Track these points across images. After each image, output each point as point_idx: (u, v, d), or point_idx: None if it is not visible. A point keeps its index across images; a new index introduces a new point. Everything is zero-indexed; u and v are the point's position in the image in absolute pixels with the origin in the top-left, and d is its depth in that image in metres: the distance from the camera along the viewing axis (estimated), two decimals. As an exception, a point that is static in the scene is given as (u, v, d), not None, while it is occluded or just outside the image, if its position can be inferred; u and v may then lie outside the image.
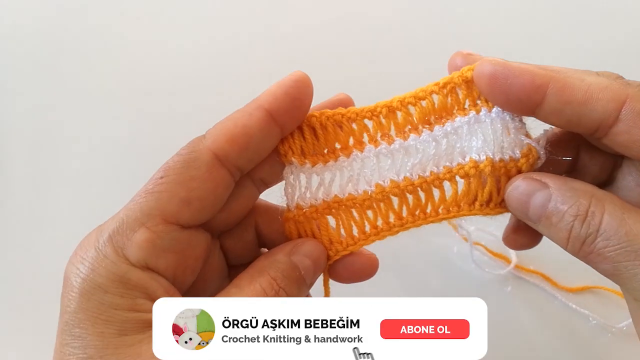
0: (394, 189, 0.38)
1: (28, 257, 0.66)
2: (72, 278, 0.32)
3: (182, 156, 0.35)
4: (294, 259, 0.37)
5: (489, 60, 0.35)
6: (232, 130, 0.35)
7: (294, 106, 0.36)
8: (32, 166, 0.72)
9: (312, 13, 0.80)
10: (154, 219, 0.33)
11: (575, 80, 0.32)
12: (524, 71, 0.33)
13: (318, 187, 0.39)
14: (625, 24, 0.75)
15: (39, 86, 0.78)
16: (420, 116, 0.38)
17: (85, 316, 0.31)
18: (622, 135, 0.32)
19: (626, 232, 0.31)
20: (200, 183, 0.34)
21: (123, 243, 0.33)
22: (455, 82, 0.37)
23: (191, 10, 0.81)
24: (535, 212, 0.34)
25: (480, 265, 0.61)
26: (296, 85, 0.36)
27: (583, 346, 0.57)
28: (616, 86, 0.32)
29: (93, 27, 0.81)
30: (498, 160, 0.36)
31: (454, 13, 0.78)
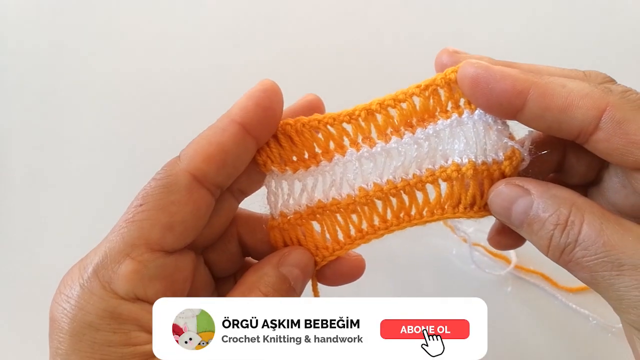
0: (378, 192, 0.38)
1: (28, 257, 0.66)
2: (59, 319, 0.31)
3: (159, 181, 0.34)
4: (283, 270, 0.36)
5: (471, 62, 0.34)
6: (207, 149, 0.34)
7: (266, 116, 0.36)
8: (32, 166, 0.72)
9: (310, 16, 0.80)
10: (138, 248, 0.32)
11: (556, 87, 0.32)
12: (506, 76, 0.33)
13: (301, 193, 0.39)
14: (623, 23, 0.75)
15: (38, 86, 0.77)
16: (401, 118, 0.37)
17: (79, 358, 0.30)
18: (602, 143, 0.32)
19: (604, 242, 0.31)
20: (181, 206, 0.33)
21: (109, 277, 0.31)
22: (437, 84, 0.36)
23: (192, 10, 0.81)
24: (517, 218, 0.34)
25: (480, 266, 0.61)
26: (266, 95, 0.35)
27: (583, 346, 0.57)
28: (597, 93, 0.32)
29: (93, 27, 0.81)
30: (480, 163, 0.36)
31: (452, 12, 0.78)
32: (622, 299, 0.31)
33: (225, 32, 0.79)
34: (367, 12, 0.78)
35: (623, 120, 0.31)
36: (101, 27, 0.81)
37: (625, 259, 0.30)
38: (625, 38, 0.74)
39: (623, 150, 0.32)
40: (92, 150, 0.73)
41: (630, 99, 0.32)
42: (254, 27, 0.79)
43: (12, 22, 0.83)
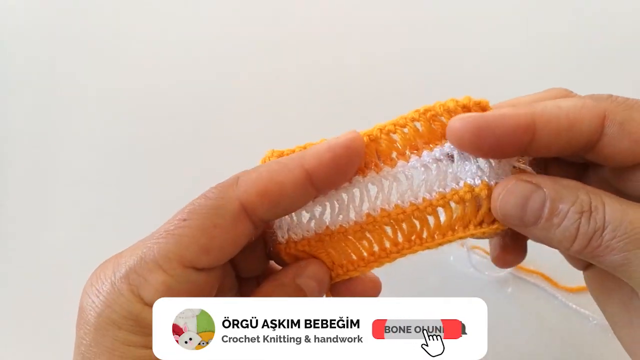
0: (385, 218, 0.37)
1: (28, 257, 0.66)
2: (87, 310, 0.33)
3: (208, 200, 0.34)
4: (299, 282, 0.36)
5: (459, 120, 0.33)
6: (267, 184, 0.33)
7: (337, 175, 0.35)
8: (32, 166, 0.72)
9: (316, 22, 0.80)
10: (171, 262, 0.32)
11: (554, 109, 0.32)
12: (505, 117, 0.32)
13: (309, 221, 0.38)
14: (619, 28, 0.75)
15: (38, 86, 0.78)
16: (405, 143, 0.37)
17: (100, 350, 0.32)
18: (608, 147, 0.33)
19: (630, 220, 0.31)
20: (223, 232, 0.33)
21: (139, 282, 0.32)
22: (436, 111, 0.36)
23: (193, 10, 0.81)
24: (533, 214, 0.34)
25: (479, 268, 0.61)
26: (346, 152, 0.34)
27: (583, 346, 0.57)
28: (590, 103, 0.33)
29: (93, 26, 0.81)
30: (494, 184, 0.36)
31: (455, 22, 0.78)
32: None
33: (228, 32, 0.80)
34: (374, 28, 0.78)
35: (624, 121, 0.32)
36: (102, 27, 0.81)
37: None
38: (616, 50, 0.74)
39: (628, 151, 0.32)
40: (93, 150, 0.73)
41: (619, 102, 0.33)
42: (258, 32, 0.80)
43: (13, 22, 0.83)
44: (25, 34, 0.81)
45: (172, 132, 0.73)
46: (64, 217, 0.69)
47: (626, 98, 0.33)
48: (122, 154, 0.72)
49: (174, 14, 0.81)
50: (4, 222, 0.69)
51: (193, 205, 0.34)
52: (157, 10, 0.82)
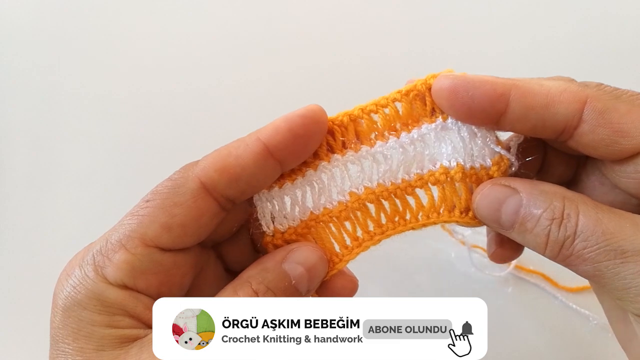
0: (370, 195, 0.37)
1: (28, 257, 0.66)
2: (57, 294, 0.33)
3: (170, 181, 0.34)
4: (285, 267, 0.35)
5: (446, 75, 0.34)
6: (224, 160, 0.34)
7: (296, 144, 0.34)
8: (32, 166, 0.72)
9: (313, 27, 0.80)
10: (133, 241, 0.33)
11: (534, 86, 0.33)
12: (484, 82, 0.33)
13: (292, 206, 0.38)
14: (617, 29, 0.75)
15: (38, 86, 0.78)
16: (385, 123, 0.37)
17: (67, 332, 0.32)
18: (587, 135, 0.32)
19: (603, 231, 0.30)
20: (184, 210, 0.33)
21: (103, 263, 0.33)
22: (418, 90, 0.36)
23: (194, 10, 0.81)
24: (507, 219, 0.34)
25: (480, 268, 0.61)
26: (302, 121, 0.34)
27: (583, 346, 0.57)
28: (575, 87, 0.32)
29: (93, 26, 0.81)
30: (469, 167, 0.36)
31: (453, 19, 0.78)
32: (629, 287, 0.30)
33: (229, 32, 0.80)
34: (374, 29, 0.78)
35: (605, 110, 0.32)
36: (102, 26, 0.81)
37: (626, 245, 0.30)
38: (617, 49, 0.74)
39: (608, 141, 0.32)
40: (93, 150, 0.73)
41: (606, 91, 0.33)
42: (258, 34, 0.79)
43: (13, 21, 0.83)
44: (25, 35, 0.81)
45: (172, 132, 0.73)
46: (64, 217, 0.69)
47: (615, 88, 0.33)
48: (122, 154, 0.72)
49: (174, 14, 0.81)
50: (4, 222, 0.69)
51: (157, 187, 0.34)
52: (157, 10, 0.81)
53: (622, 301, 0.32)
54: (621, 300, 0.31)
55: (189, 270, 0.36)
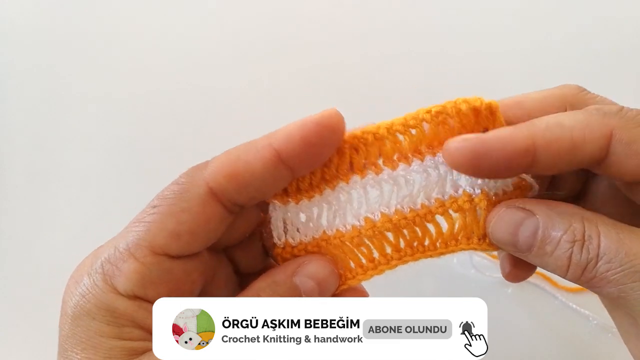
0: (386, 223, 0.35)
1: (28, 257, 0.66)
2: (66, 301, 0.33)
3: (177, 185, 0.33)
4: (296, 280, 0.34)
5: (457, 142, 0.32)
6: (234, 165, 0.32)
7: (309, 153, 0.33)
8: (32, 167, 0.72)
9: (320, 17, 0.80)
10: (142, 250, 0.32)
11: (556, 129, 0.31)
12: (503, 140, 0.31)
13: (306, 223, 0.36)
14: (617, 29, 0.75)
15: (38, 86, 0.78)
16: (410, 145, 0.35)
17: (75, 341, 0.32)
18: (614, 166, 0.31)
19: (626, 252, 0.29)
20: (191, 216, 0.32)
21: (113, 272, 0.32)
22: (448, 113, 0.34)
23: (194, 10, 0.81)
24: (525, 242, 0.32)
25: (480, 270, 0.61)
26: (318, 129, 0.32)
27: (583, 346, 0.57)
28: (597, 120, 0.31)
29: (93, 26, 0.81)
30: (493, 194, 0.35)
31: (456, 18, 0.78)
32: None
33: (229, 31, 0.80)
34: (376, 29, 0.78)
35: (632, 141, 0.31)
36: (102, 26, 0.81)
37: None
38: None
39: (636, 170, 0.31)
40: (93, 150, 0.73)
41: (629, 118, 0.31)
42: (261, 33, 0.80)
43: (13, 21, 0.83)
44: (25, 35, 0.81)
45: (172, 132, 0.73)
46: (63, 217, 0.69)
47: (637, 112, 0.32)
48: (123, 154, 0.72)
49: (177, 13, 0.81)
50: (4, 222, 0.69)
51: (163, 192, 0.33)
52: (159, 10, 0.82)
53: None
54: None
55: (198, 277, 0.35)
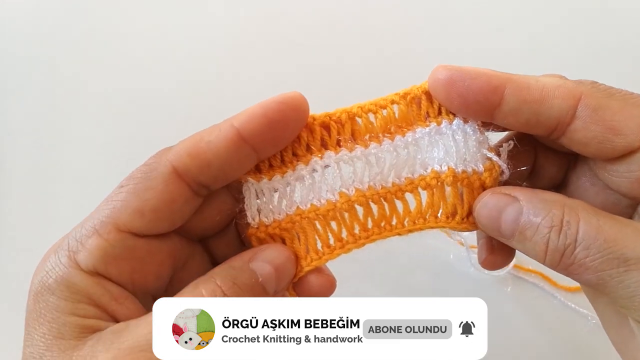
0: (360, 197, 0.36)
1: (28, 257, 0.66)
2: (32, 279, 0.33)
3: (144, 166, 0.34)
4: (252, 265, 0.35)
5: (443, 66, 0.34)
6: (196, 145, 0.33)
7: (272, 130, 0.33)
8: (32, 166, 0.72)
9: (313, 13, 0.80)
10: (106, 226, 0.33)
11: (530, 80, 0.33)
12: (480, 74, 0.33)
13: (279, 200, 0.37)
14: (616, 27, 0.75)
15: (38, 86, 0.78)
16: (381, 124, 0.37)
17: (35, 316, 0.32)
18: (580, 132, 0.32)
19: (605, 239, 0.30)
20: (155, 194, 0.33)
21: (77, 248, 0.33)
22: (415, 94, 0.36)
23: (193, 11, 0.81)
24: (507, 227, 0.33)
25: (479, 268, 0.61)
26: (279, 107, 0.33)
27: (582, 345, 0.57)
28: (570, 84, 0.33)
29: (94, 26, 0.81)
30: (461, 171, 0.36)
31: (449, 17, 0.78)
32: (634, 295, 0.30)
33: (229, 31, 0.80)
34: (373, 28, 0.78)
35: (598, 107, 0.32)
36: (102, 27, 0.81)
37: (629, 253, 0.29)
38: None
39: (601, 138, 0.32)
40: (93, 150, 0.73)
41: (600, 89, 0.33)
42: (257, 33, 0.79)
43: (13, 21, 0.83)
44: (25, 35, 0.81)
45: (174, 132, 0.72)
46: (64, 218, 0.68)
47: (610, 86, 0.33)
48: (123, 154, 0.72)
49: (175, 13, 0.81)
50: (4, 222, 0.69)
51: (132, 172, 0.34)
52: (158, 10, 0.81)
53: (626, 309, 0.31)
54: (625, 308, 0.31)
55: (165, 260, 0.36)
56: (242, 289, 0.34)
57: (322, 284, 0.37)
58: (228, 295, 0.33)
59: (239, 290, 0.33)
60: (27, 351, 0.32)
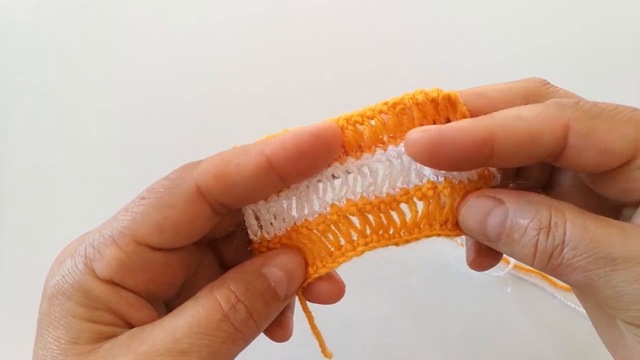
0: (351, 207, 0.36)
1: (28, 257, 0.67)
2: (47, 281, 0.34)
3: (168, 180, 0.34)
4: (264, 270, 0.35)
5: (416, 133, 0.32)
6: (225, 166, 0.33)
7: (301, 162, 0.33)
8: (32, 167, 0.73)
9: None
10: (124, 238, 0.33)
11: (515, 121, 0.31)
12: (462, 131, 0.31)
13: (278, 217, 0.37)
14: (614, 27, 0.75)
15: (38, 86, 0.78)
16: (371, 135, 0.36)
17: (49, 319, 0.32)
18: (574, 158, 0.32)
19: (591, 239, 0.30)
20: (177, 212, 0.33)
21: (94, 256, 0.33)
22: (405, 104, 0.34)
23: (195, 9, 0.81)
24: (493, 230, 0.33)
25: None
26: (311, 140, 0.32)
27: (582, 345, 0.57)
28: (554, 112, 0.31)
29: (94, 25, 0.81)
30: (457, 182, 0.35)
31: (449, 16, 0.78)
32: (621, 295, 0.30)
33: (229, 30, 0.80)
34: (372, 33, 0.79)
35: (588, 133, 0.31)
36: (103, 25, 0.81)
37: (615, 252, 0.29)
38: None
39: (595, 161, 0.32)
40: (93, 150, 0.73)
41: (585, 110, 0.32)
42: (260, 38, 0.80)
43: (13, 21, 0.83)
44: (25, 38, 0.82)
45: (174, 134, 0.73)
46: (64, 218, 0.69)
47: (593, 104, 0.32)
48: (124, 155, 0.72)
49: (175, 14, 0.81)
50: (4, 222, 0.70)
51: (153, 185, 0.34)
52: (159, 12, 0.82)
53: (613, 309, 0.31)
54: (612, 308, 0.31)
55: (179, 270, 0.36)
56: (254, 294, 0.34)
57: (331, 290, 0.38)
58: (242, 300, 0.33)
59: (251, 295, 0.34)
60: (40, 353, 0.32)
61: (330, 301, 0.38)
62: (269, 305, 0.35)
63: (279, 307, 0.36)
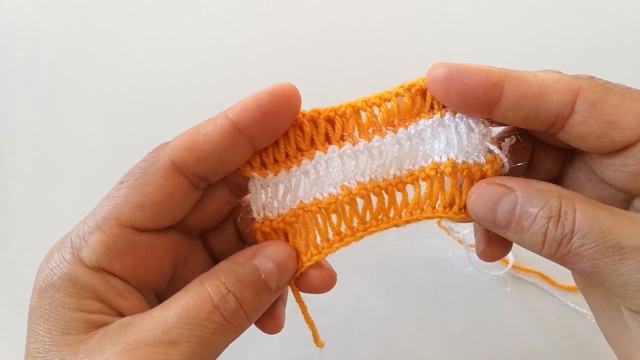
0: (362, 190, 0.37)
1: (28, 258, 0.66)
2: (36, 276, 0.34)
3: (143, 162, 0.35)
4: (255, 262, 0.35)
5: (440, 63, 0.34)
6: (193, 138, 0.34)
7: (265, 120, 0.34)
8: (33, 167, 0.73)
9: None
10: (108, 222, 0.33)
11: (528, 75, 0.33)
12: (479, 70, 0.33)
13: (284, 195, 0.38)
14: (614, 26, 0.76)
15: (39, 86, 0.78)
16: (385, 117, 0.37)
17: (40, 313, 0.33)
18: (578, 126, 0.32)
19: (600, 228, 0.30)
20: (155, 188, 0.34)
21: (80, 245, 0.33)
22: (420, 86, 0.36)
23: (192, 11, 0.81)
24: (503, 217, 0.33)
25: (478, 267, 0.61)
26: (271, 98, 0.34)
27: (581, 344, 0.57)
28: (568, 79, 0.32)
29: (94, 26, 0.82)
30: (461, 162, 0.36)
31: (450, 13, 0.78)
32: (628, 283, 0.30)
33: (228, 30, 0.80)
34: (372, 25, 0.79)
35: (596, 102, 0.32)
36: (103, 27, 0.81)
37: (624, 241, 0.30)
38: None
39: (599, 132, 0.32)
40: (93, 150, 0.73)
41: (598, 83, 0.33)
42: (258, 33, 0.80)
43: (13, 21, 0.83)
44: (26, 35, 0.82)
45: (172, 131, 0.72)
46: (64, 218, 0.68)
47: (607, 81, 0.33)
48: (123, 154, 0.72)
49: (176, 13, 0.81)
50: (4, 222, 0.69)
51: (131, 169, 0.35)
52: (158, 10, 0.82)
53: (620, 298, 0.31)
54: (619, 297, 0.31)
55: (167, 255, 0.36)
56: (245, 285, 0.34)
57: (323, 278, 0.38)
58: (232, 291, 0.33)
59: (242, 286, 0.34)
60: (32, 347, 0.32)
61: (322, 289, 0.38)
62: (259, 297, 0.35)
63: (270, 298, 0.36)
